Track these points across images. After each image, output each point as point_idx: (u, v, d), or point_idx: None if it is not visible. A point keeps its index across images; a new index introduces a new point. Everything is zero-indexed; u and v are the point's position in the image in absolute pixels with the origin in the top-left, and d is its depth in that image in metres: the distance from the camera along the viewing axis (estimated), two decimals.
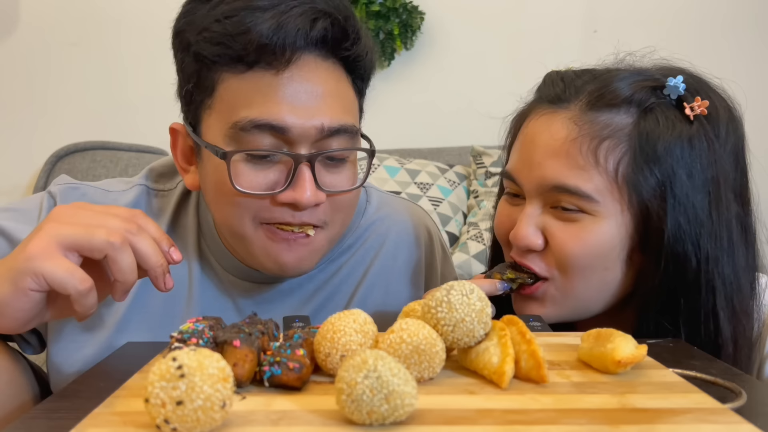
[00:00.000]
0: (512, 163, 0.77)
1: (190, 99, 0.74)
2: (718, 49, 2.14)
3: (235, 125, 0.69)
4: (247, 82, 0.69)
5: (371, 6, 2.18)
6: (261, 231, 0.73)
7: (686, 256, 0.68)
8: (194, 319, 0.56)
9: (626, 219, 0.70)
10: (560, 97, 0.74)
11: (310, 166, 0.70)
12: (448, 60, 2.27)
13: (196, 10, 0.71)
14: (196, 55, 0.70)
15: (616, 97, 0.71)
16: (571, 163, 0.70)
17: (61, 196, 0.82)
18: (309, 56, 0.70)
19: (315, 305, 0.85)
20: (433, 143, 2.24)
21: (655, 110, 0.70)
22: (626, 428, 0.41)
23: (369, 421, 0.41)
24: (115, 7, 2.20)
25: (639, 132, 0.69)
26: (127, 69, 2.23)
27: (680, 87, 0.70)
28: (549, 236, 0.72)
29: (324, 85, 0.70)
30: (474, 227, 1.93)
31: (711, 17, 2.20)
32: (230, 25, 0.67)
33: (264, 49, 0.67)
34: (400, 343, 0.49)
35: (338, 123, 0.71)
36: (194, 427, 0.40)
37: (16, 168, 2.22)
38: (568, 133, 0.71)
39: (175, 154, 0.79)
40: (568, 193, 0.70)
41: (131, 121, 2.22)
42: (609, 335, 0.53)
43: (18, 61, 2.23)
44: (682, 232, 0.68)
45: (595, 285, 0.72)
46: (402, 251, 0.90)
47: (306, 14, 0.68)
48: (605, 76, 0.74)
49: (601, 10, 2.23)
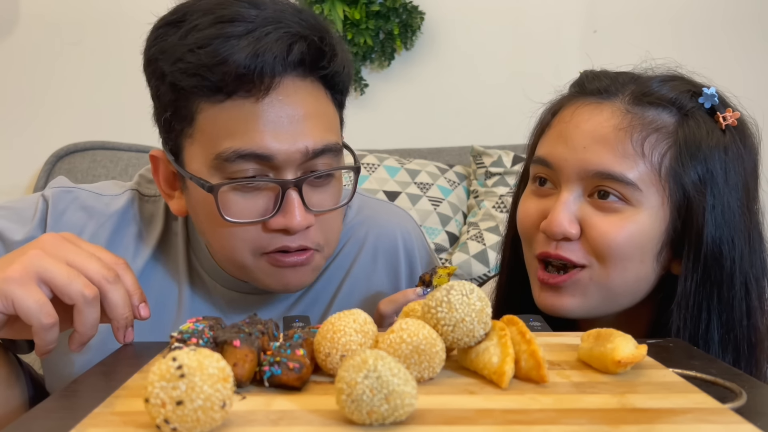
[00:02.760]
0: (548, 148, 0.76)
1: (170, 127, 0.73)
2: (719, 50, 2.14)
3: (219, 156, 0.68)
4: (227, 111, 0.68)
5: (371, 6, 2.18)
6: (263, 260, 0.73)
7: (723, 255, 0.70)
8: (194, 319, 0.56)
9: (665, 213, 0.71)
10: (607, 89, 0.75)
11: (297, 190, 0.70)
12: (448, 60, 2.26)
13: (167, 36, 0.70)
14: (172, 86, 0.69)
15: (661, 97, 0.73)
16: (619, 151, 0.71)
17: (54, 200, 0.81)
18: (288, 79, 0.69)
19: (298, 311, 0.86)
20: (433, 143, 2.24)
21: (695, 114, 0.73)
22: (626, 428, 0.41)
23: (369, 421, 0.41)
24: (115, 7, 2.20)
25: (684, 131, 0.72)
26: (127, 69, 2.20)
27: (715, 97, 0.73)
28: (586, 226, 0.72)
29: (305, 106, 0.70)
30: (474, 227, 1.93)
31: (711, 18, 2.20)
32: (205, 55, 0.66)
33: (242, 78, 0.66)
34: (400, 343, 0.49)
35: (322, 144, 0.71)
36: (194, 427, 0.40)
37: (16, 168, 2.22)
38: (619, 122, 0.72)
39: (158, 179, 0.79)
40: (612, 180, 0.70)
41: (131, 121, 2.21)
42: (609, 335, 0.53)
43: (18, 61, 2.23)
44: (721, 232, 0.70)
45: (631, 277, 0.73)
46: (381, 255, 0.89)
47: (282, 39, 0.67)
48: (644, 77, 0.76)
49: (601, 9, 2.22)
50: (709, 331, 0.71)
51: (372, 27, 2.19)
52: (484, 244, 1.88)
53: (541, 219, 0.75)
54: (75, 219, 0.81)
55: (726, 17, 2.20)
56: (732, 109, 0.74)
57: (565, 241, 0.73)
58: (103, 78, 2.24)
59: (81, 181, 2.04)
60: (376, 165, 2.02)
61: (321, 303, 0.87)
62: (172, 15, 0.71)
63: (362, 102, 2.28)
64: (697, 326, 0.71)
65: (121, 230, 0.83)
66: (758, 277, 0.72)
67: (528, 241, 0.78)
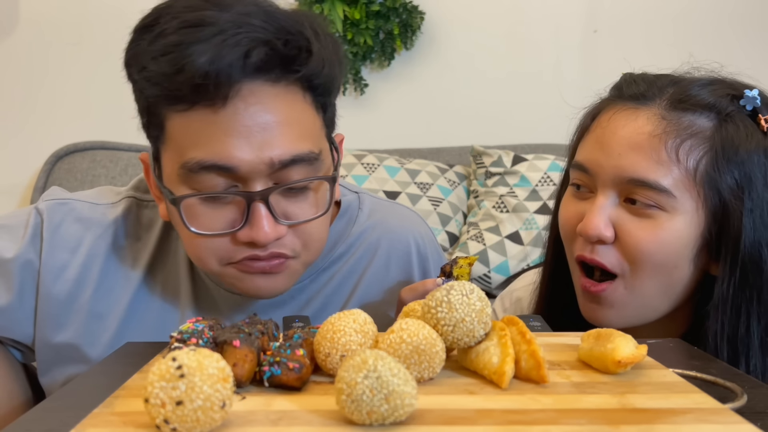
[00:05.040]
0: (586, 153, 0.77)
1: (148, 133, 0.72)
2: (719, 49, 2.14)
3: (185, 166, 0.66)
4: (191, 120, 0.66)
5: (371, 6, 2.18)
6: (231, 268, 0.71)
7: (762, 259, 0.70)
8: (194, 319, 0.56)
9: (701, 218, 0.71)
10: (644, 94, 0.75)
11: (264, 202, 0.67)
12: (448, 60, 2.26)
13: (140, 41, 0.67)
14: (140, 92, 0.68)
15: (699, 101, 0.73)
16: (653, 158, 0.71)
17: (48, 213, 0.80)
18: (253, 85, 0.65)
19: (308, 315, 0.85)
20: (433, 143, 2.24)
21: (735, 118, 0.72)
22: (626, 428, 0.41)
23: (369, 421, 0.41)
24: (115, 7, 2.20)
25: (721, 136, 0.71)
26: None
27: (757, 99, 0.73)
28: (621, 231, 0.72)
29: (273, 113, 0.66)
30: (474, 227, 1.93)
31: (711, 17, 2.20)
32: (165, 63, 0.63)
33: (199, 87, 0.63)
34: (400, 343, 0.49)
35: (291, 154, 0.67)
36: (194, 427, 0.40)
37: (16, 168, 2.22)
38: (654, 128, 0.72)
39: (149, 182, 0.78)
40: (646, 187, 0.71)
41: (131, 121, 2.21)
42: (609, 335, 0.53)
43: (18, 61, 2.23)
44: (759, 235, 0.70)
45: (664, 284, 0.73)
46: (394, 261, 0.87)
47: (240, 45, 0.63)
48: (684, 81, 0.76)
49: (602, 9, 2.22)
50: (750, 334, 0.71)
51: (372, 27, 2.19)
52: (484, 244, 1.88)
53: (579, 221, 0.75)
54: (71, 231, 0.80)
55: (730, 16, 2.19)
56: None
57: (600, 244, 0.73)
58: (103, 78, 2.23)
59: (81, 180, 2.04)
60: (376, 165, 2.02)
61: (332, 308, 0.85)
62: (146, 18, 0.69)
63: (362, 102, 2.28)
64: (736, 329, 0.71)
65: (120, 239, 0.82)
66: None
67: (568, 243, 0.79)
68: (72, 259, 0.79)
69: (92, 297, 0.79)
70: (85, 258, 0.79)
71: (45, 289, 0.78)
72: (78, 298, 0.78)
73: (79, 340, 0.78)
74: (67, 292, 0.78)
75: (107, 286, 0.80)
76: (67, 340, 0.78)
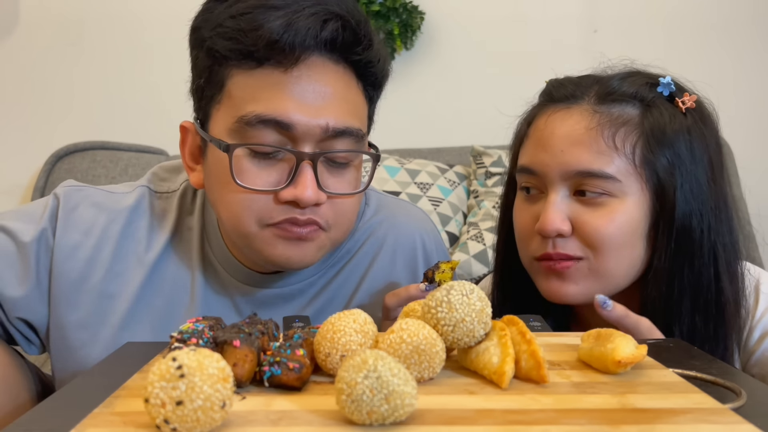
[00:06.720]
0: (529, 156, 0.81)
1: (201, 95, 0.75)
2: (718, 49, 2.14)
3: (241, 119, 0.70)
4: (255, 78, 0.70)
5: (371, 6, 2.18)
6: (268, 231, 0.73)
7: (692, 228, 0.76)
8: (194, 319, 0.56)
9: (646, 197, 0.77)
10: (573, 94, 0.81)
11: (312, 164, 0.70)
12: (448, 60, 2.26)
13: (214, 9, 0.72)
14: (208, 51, 0.71)
15: (623, 93, 0.79)
16: (594, 149, 0.76)
17: (65, 197, 0.83)
18: (318, 58, 0.71)
19: (315, 309, 0.85)
20: (433, 143, 2.23)
21: (657, 103, 0.79)
22: (626, 428, 0.41)
23: (369, 421, 0.41)
24: (116, 7, 2.20)
25: (649, 121, 0.77)
26: (127, 69, 2.23)
27: (672, 84, 0.80)
28: (577, 222, 0.77)
29: (332, 86, 0.71)
30: (474, 227, 1.93)
31: (711, 17, 2.19)
32: (243, 21, 0.68)
33: (273, 46, 0.68)
34: (400, 343, 0.49)
35: (344, 124, 0.71)
36: (194, 427, 0.40)
37: (16, 168, 2.22)
38: (589, 123, 0.77)
39: (183, 152, 0.80)
40: (593, 177, 0.75)
41: (131, 121, 2.22)
42: (609, 335, 0.53)
43: (18, 61, 2.23)
44: (690, 207, 0.76)
45: (625, 262, 0.78)
46: (400, 256, 0.89)
47: (317, 15, 0.68)
48: (605, 77, 0.82)
49: (601, 9, 2.22)
50: (682, 297, 0.77)
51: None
52: (484, 244, 1.88)
53: (534, 222, 0.79)
54: (86, 215, 0.82)
55: (726, 17, 2.19)
56: (689, 93, 0.79)
57: (559, 238, 0.77)
58: (103, 78, 2.24)
59: (81, 180, 2.04)
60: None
61: (338, 302, 0.87)
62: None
63: None
64: (670, 294, 0.77)
65: (133, 224, 0.84)
66: (725, 243, 0.78)
67: (526, 244, 0.82)
68: (85, 240, 0.81)
69: (104, 278, 0.81)
70: (98, 240, 0.81)
71: (57, 269, 0.80)
72: (89, 278, 0.80)
73: (90, 319, 0.80)
74: (78, 271, 0.80)
75: (118, 269, 0.81)
76: (79, 320, 0.80)
